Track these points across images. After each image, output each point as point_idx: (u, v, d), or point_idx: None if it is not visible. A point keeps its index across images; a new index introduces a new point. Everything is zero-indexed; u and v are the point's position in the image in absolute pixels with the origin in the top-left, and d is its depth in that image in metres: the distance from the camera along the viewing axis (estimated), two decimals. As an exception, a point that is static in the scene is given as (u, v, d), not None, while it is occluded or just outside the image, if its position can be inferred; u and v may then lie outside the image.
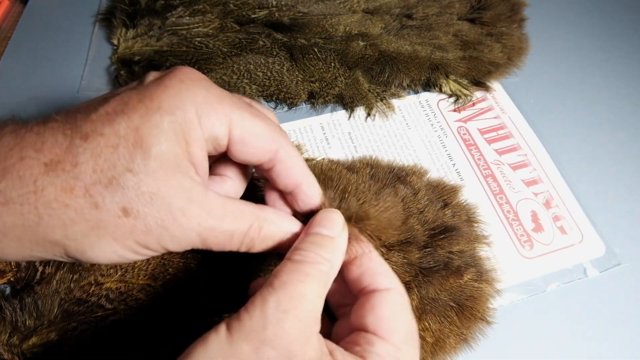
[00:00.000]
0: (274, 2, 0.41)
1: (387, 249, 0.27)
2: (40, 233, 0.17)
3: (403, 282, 0.26)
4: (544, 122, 0.40)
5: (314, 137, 0.38)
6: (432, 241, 0.28)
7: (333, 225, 0.21)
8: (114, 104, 0.18)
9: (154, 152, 0.18)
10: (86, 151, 0.17)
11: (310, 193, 0.23)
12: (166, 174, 0.18)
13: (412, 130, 0.39)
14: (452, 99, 0.41)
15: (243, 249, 0.21)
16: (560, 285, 0.31)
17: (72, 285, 0.25)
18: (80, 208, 0.17)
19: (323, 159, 0.33)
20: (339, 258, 0.21)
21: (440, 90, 0.41)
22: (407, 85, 0.41)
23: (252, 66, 0.39)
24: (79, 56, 0.43)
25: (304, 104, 0.40)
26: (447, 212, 0.31)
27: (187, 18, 0.41)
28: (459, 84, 0.41)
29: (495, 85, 0.42)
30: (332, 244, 0.20)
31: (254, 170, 0.26)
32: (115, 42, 0.42)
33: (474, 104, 0.41)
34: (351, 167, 0.32)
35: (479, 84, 0.41)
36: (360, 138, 0.38)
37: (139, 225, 0.18)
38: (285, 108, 0.40)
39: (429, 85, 0.41)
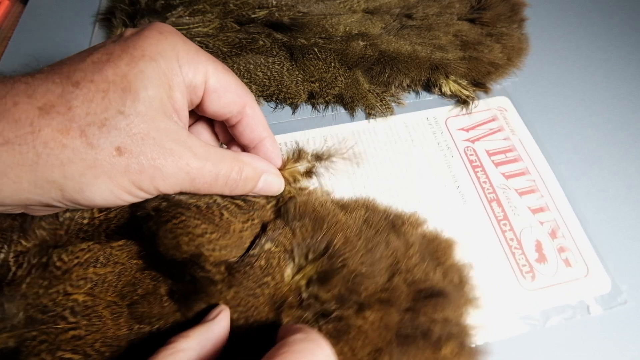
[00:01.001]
0: (274, 2, 0.41)
1: (363, 308, 0.25)
2: (39, 172, 0.18)
3: (375, 348, 0.25)
4: (555, 145, 0.38)
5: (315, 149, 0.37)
6: (415, 304, 0.26)
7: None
8: (99, 54, 0.20)
9: (142, 96, 0.19)
10: (78, 96, 0.18)
11: (272, 148, 0.26)
12: (154, 116, 0.19)
13: (418, 148, 0.37)
14: (458, 108, 0.40)
15: (227, 191, 0.24)
16: (561, 321, 0.30)
17: (40, 291, 0.24)
18: (77, 148, 0.18)
19: (316, 189, 0.31)
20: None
21: (440, 91, 0.41)
22: (407, 85, 0.41)
23: (252, 66, 0.39)
24: (79, 56, 0.43)
25: (303, 104, 0.40)
26: (437, 272, 0.28)
27: (187, 18, 0.41)
28: (459, 84, 0.41)
29: (506, 104, 0.40)
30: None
31: (224, 146, 0.28)
32: (115, 42, 0.42)
33: (483, 124, 0.39)
34: (345, 206, 0.30)
35: (479, 84, 0.41)
36: (363, 154, 0.37)
37: (133, 164, 0.19)
38: (288, 114, 0.40)
39: (429, 85, 0.41)
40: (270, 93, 0.39)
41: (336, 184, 0.34)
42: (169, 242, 0.24)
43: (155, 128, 0.19)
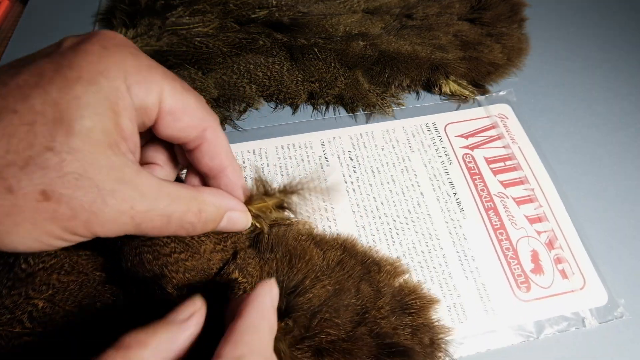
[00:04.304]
0: (274, 2, 0.41)
1: (322, 355, 0.24)
2: None
3: None
4: (555, 154, 0.37)
5: (313, 153, 0.37)
6: (378, 359, 0.25)
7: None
8: (27, 75, 0.16)
9: (78, 127, 0.16)
10: None
11: (235, 179, 0.22)
12: (93, 151, 0.16)
13: (415, 154, 0.37)
14: (455, 105, 0.40)
15: (183, 233, 0.20)
16: (556, 333, 0.29)
17: (4, 291, 0.23)
18: None
19: (298, 221, 0.29)
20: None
21: (440, 91, 0.41)
22: (407, 85, 0.41)
23: (252, 66, 0.39)
24: (78, 56, 0.43)
25: (304, 104, 0.40)
26: (407, 329, 0.26)
27: (187, 18, 0.41)
28: (459, 84, 0.41)
29: (507, 111, 0.40)
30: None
31: (184, 172, 0.25)
32: (115, 42, 0.42)
33: (482, 131, 0.39)
34: (322, 243, 0.29)
35: (478, 85, 0.41)
36: (360, 158, 0.37)
37: (62, 209, 0.16)
38: (288, 116, 0.40)
39: (429, 85, 0.41)
40: (270, 93, 0.39)
41: (331, 188, 0.35)
42: (133, 258, 0.23)
43: (93, 165, 0.16)
